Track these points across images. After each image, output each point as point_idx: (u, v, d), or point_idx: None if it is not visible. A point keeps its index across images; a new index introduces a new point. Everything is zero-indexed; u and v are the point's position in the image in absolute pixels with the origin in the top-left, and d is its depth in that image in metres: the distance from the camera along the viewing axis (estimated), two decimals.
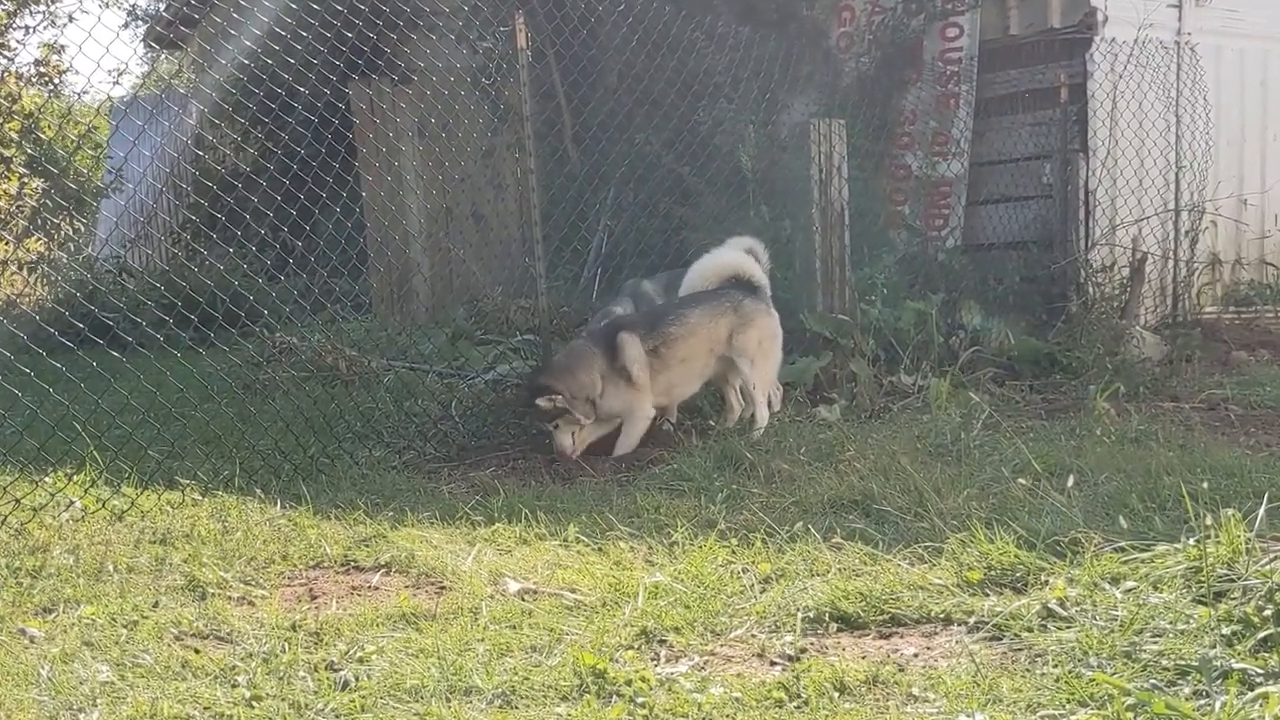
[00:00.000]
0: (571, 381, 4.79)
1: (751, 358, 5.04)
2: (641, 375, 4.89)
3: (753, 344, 5.04)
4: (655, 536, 3.55)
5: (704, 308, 5.05)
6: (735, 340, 5.03)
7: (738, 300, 5.09)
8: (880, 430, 4.89)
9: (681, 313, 5.05)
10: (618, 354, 4.86)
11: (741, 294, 5.12)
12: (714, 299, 5.09)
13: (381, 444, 4.98)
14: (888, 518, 3.55)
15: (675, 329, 4.98)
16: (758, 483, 4.13)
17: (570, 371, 4.82)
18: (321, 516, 3.88)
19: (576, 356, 4.90)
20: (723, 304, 5.07)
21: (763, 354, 5.07)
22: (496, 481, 4.39)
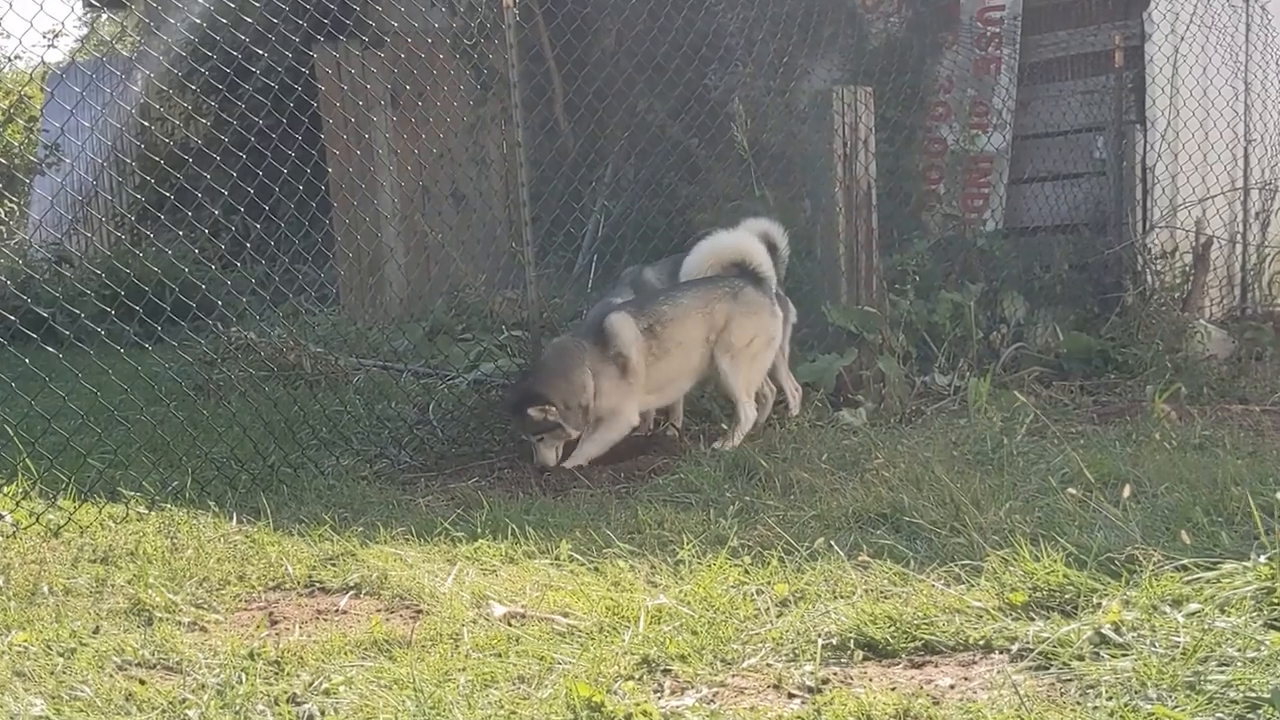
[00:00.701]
0: (565, 388, 4.79)
1: (734, 355, 5.03)
2: (638, 362, 4.89)
3: (742, 340, 5.04)
4: (658, 554, 3.56)
5: (700, 290, 5.07)
6: (728, 332, 5.03)
7: (738, 287, 5.10)
8: (912, 436, 4.89)
9: (673, 294, 5.07)
10: (610, 340, 4.86)
11: (744, 281, 5.12)
12: (711, 283, 5.11)
13: (350, 452, 4.98)
14: (920, 533, 3.55)
15: (669, 308, 5.00)
16: (774, 494, 4.14)
17: (563, 376, 4.81)
18: (283, 532, 3.89)
19: (565, 355, 4.90)
20: (720, 289, 5.07)
21: (749, 356, 5.07)
22: (480, 493, 4.39)
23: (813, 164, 6.08)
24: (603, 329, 4.88)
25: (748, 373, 5.07)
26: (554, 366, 4.87)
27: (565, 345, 4.96)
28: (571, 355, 4.87)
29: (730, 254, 5.19)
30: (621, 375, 4.87)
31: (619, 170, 7.90)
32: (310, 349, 6.33)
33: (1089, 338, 6.27)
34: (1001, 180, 7.40)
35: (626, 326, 4.89)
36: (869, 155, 5.85)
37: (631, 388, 4.90)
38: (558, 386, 4.79)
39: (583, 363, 4.84)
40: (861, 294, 5.82)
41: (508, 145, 6.57)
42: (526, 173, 5.50)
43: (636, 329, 4.90)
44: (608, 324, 4.88)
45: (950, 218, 7.19)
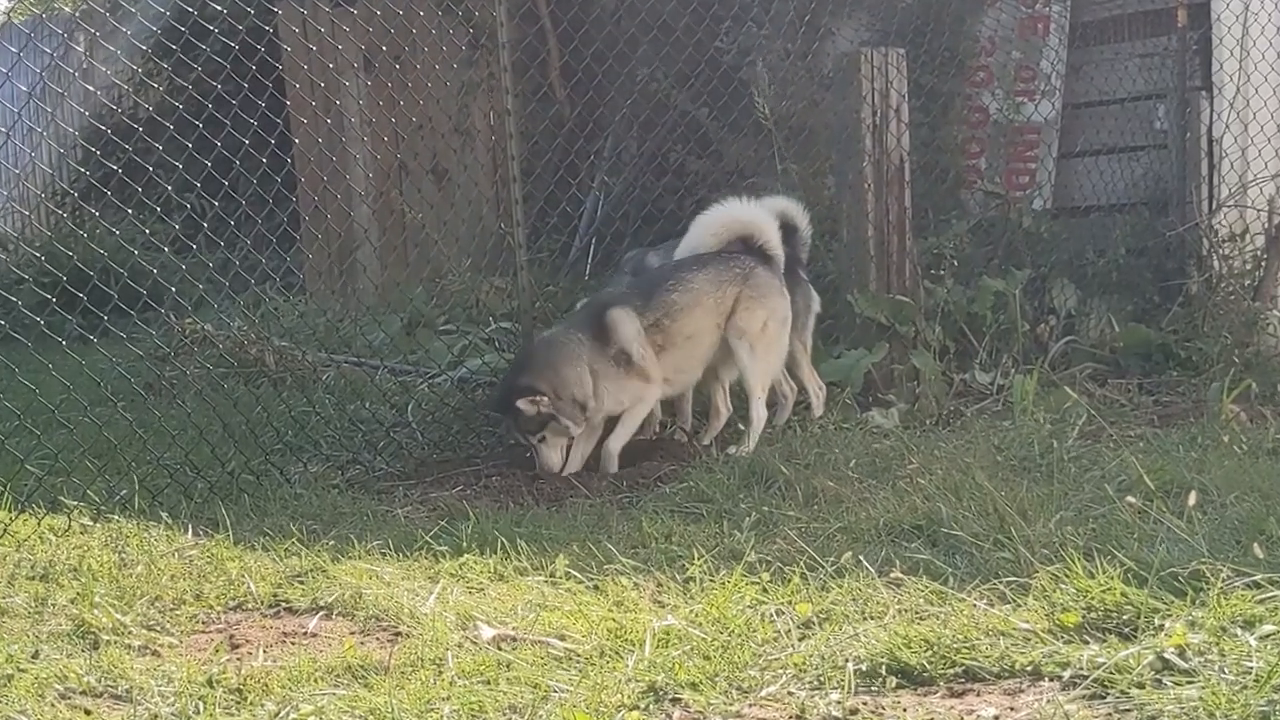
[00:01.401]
0: (556, 378, 4.79)
1: (753, 343, 5.04)
2: (646, 356, 4.90)
3: (757, 326, 5.05)
4: (666, 571, 3.56)
5: (710, 271, 5.07)
6: (738, 318, 5.03)
7: (748, 267, 5.10)
8: (950, 439, 4.89)
9: (682, 276, 5.06)
10: (610, 337, 4.88)
11: (754, 260, 5.13)
12: (721, 262, 5.11)
13: (320, 457, 4.99)
14: (960, 547, 3.55)
15: (678, 296, 5.00)
16: (795, 504, 4.14)
17: (553, 366, 4.82)
18: (244, 547, 3.89)
19: (557, 347, 4.91)
20: (731, 269, 5.08)
21: (766, 341, 5.08)
22: (465, 503, 4.40)
23: (838, 136, 6.08)
24: (603, 323, 4.89)
25: (765, 361, 5.08)
26: (544, 358, 4.88)
27: (557, 337, 4.97)
28: (565, 347, 4.88)
29: (738, 227, 5.19)
30: (627, 373, 4.89)
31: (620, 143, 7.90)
32: (274, 343, 6.33)
33: (1148, 330, 6.27)
34: (1050, 154, 7.40)
35: (628, 323, 4.90)
36: (901, 126, 5.85)
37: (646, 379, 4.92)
38: (547, 377, 4.79)
39: (579, 358, 4.85)
40: (893, 281, 5.82)
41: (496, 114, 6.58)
42: (517, 145, 5.50)
43: (639, 324, 4.91)
44: (609, 319, 4.90)
45: (992, 196, 7.19)
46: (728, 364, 5.15)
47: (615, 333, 4.88)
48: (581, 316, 5.09)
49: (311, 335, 6.54)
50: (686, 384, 5.20)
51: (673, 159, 7.36)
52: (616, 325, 4.89)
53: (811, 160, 6.78)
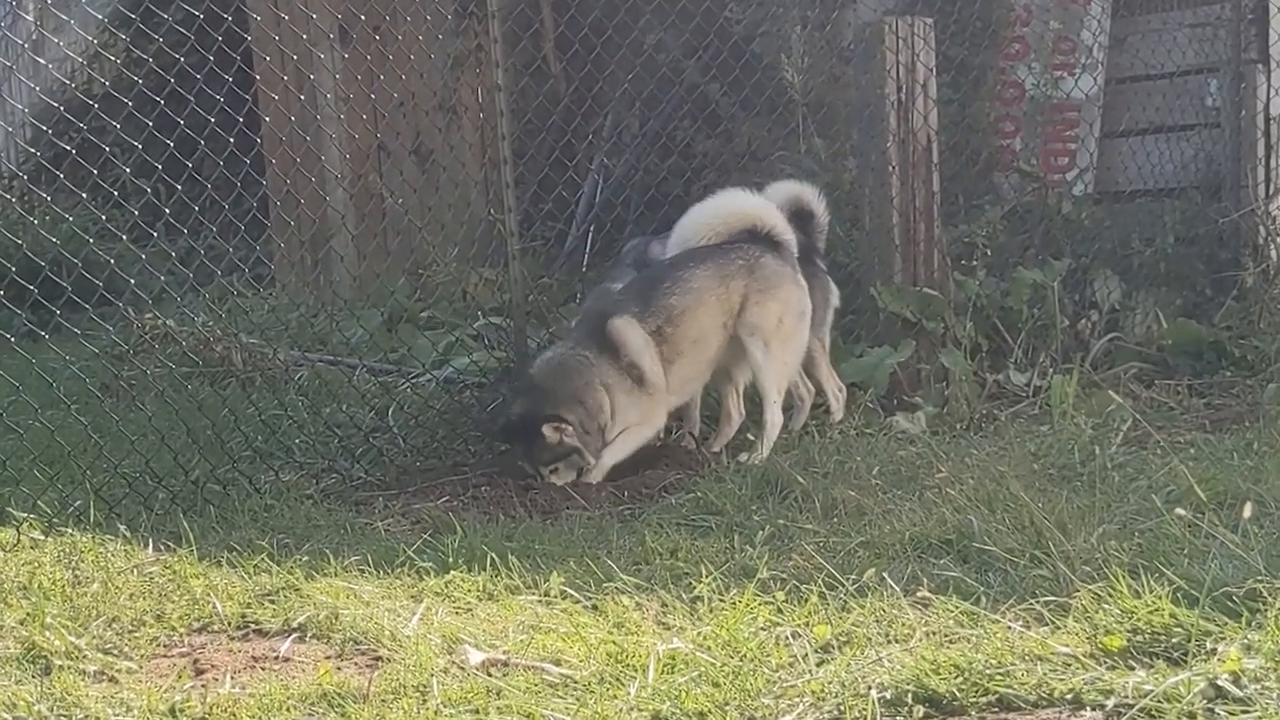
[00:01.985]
0: (580, 408, 4.81)
1: (766, 340, 5.04)
2: (654, 369, 4.91)
3: (770, 321, 5.04)
4: (671, 589, 3.56)
5: (709, 266, 5.05)
6: (749, 314, 5.03)
7: (753, 257, 5.09)
8: (982, 446, 4.90)
9: (679, 275, 5.04)
10: (618, 349, 4.89)
11: (759, 249, 5.12)
12: (721, 254, 5.10)
13: (292, 465, 4.99)
14: (993, 563, 3.56)
15: (678, 299, 4.98)
16: (813, 517, 4.14)
17: (574, 394, 4.82)
18: (210, 563, 3.90)
19: (572, 371, 4.89)
20: (733, 261, 5.07)
21: (782, 337, 5.07)
22: (451, 515, 4.40)
23: (859, 114, 6.09)
24: (606, 335, 4.90)
25: (782, 360, 5.07)
26: (561, 386, 4.84)
27: (567, 359, 4.92)
28: (580, 369, 4.87)
29: (735, 221, 5.18)
30: (640, 387, 4.90)
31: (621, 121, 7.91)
32: (242, 340, 6.33)
33: (1199, 327, 6.27)
34: (1092, 133, 7.40)
35: (633, 332, 4.90)
36: (929, 102, 5.85)
37: (654, 394, 4.93)
38: (570, 405, 4.80)
39: (595, 379, 4.86)
40: (920, 272, 5.82)
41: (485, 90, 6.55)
42: (508, 124, 5.50)
43: (644, 333, 4.91)
44: (610, 330, 4.90)
45: (1029, 179, 7.19)
46: (740, 364, 5.14)
47: (623, 345, 4.89)
48: (580, 332, 5.05)
49: (283, 331, 6.54)
50: (694, 392, 5.22)
51: (679, 138, 7.36)
52: (623, 336, 4.89)
53: (831, 141, 6.78)
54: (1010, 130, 7.53)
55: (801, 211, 5.42)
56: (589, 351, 4.89)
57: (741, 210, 5.20)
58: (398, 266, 7.59)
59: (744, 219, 5.17)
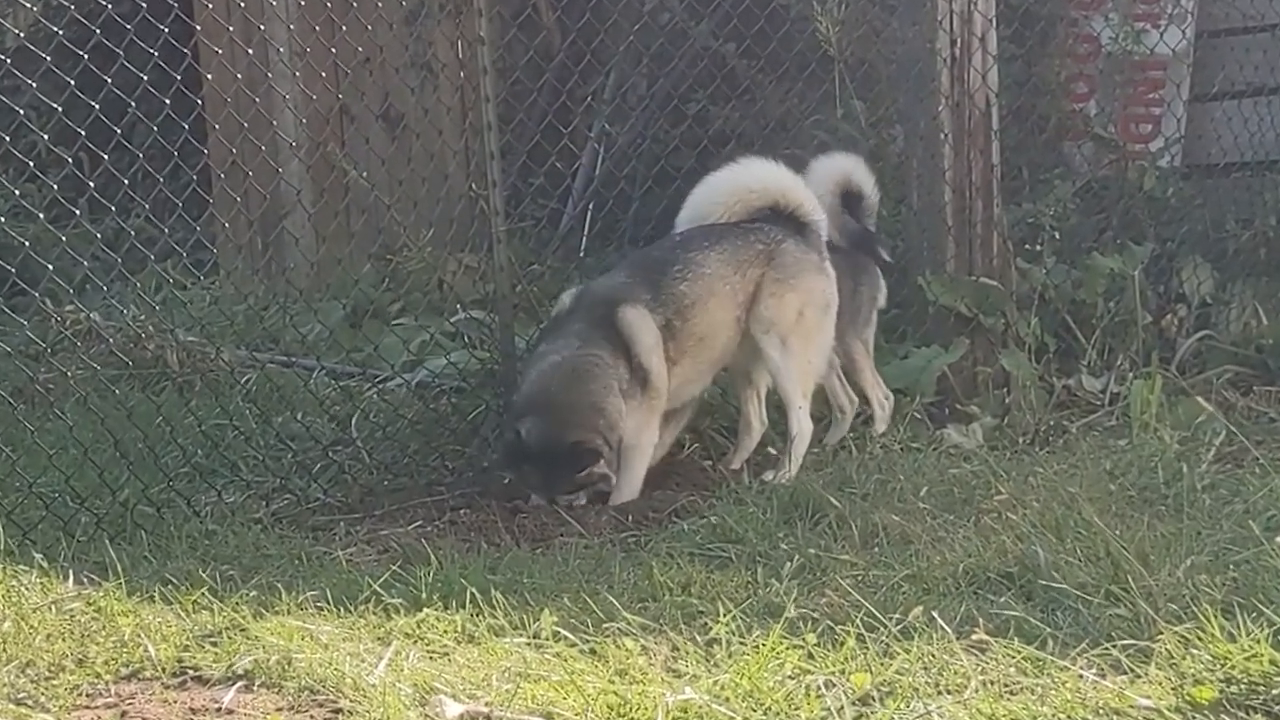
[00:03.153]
0: (604, 425, 4.82)
1: (784, 337, 5.05)
2: (661, 371, 4.92)
3: (789, 314, 5.07)
4: (683, 630, 3.56)
5: (724, 248, 5.08)
6: (763, 306, 5.06)
7: (774, 240, 5.12)
8: (1049, 463, 4.89)
9: (691, 258, 5.05)
10: (629, 346, 4.90)
11: (781, 231, 5.14)
12: (738, 235, 5.13)
13: (238, 484, 4.99)
14: (1062, 600, 3.55)
15: (689, 286, 4.99)
16: (850, 546, 4.14)
17: (595, 409, 4.83)
18: (141, 598, 3.89)
19: (587, 376, 4.88)
20: (751, 245, 5.10)
21: (803, 333, 5.09)
22: (425, 543, 4.40)
23: (906, 73, 6.09)
24: (616, 329, 4.91)
25: (805, 360, 5.09)
26: (579, 400, 4.86)
27: (578, 365, 4.92)
28: (594, 376, 4.88)
29: (757, 194, 5.20)
30: (642, 391, 4.92)
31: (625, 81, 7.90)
32: (179, 337, 6.32)
33: None
34: (1180, 96, 7.39)
35: (647, 326, 4.92)
36: (987, 59, 5.86)
37: (654, 405, 4.95)
38: (594, 424, 4.81)
39: (613, 387, 4.86)
40: (976, 259, 5.83)
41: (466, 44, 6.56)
42: (493, 84, 5.50)
43: (655, 329, 4.93)
44: (622, 321, 4.91)
45: (1105, 149, 7.18)
46: (759, 365, 5.17)
47: (634, 340, 4.90)
48: (583, 323, 4.99)
49: (227, 327, 6.55)
50: (688, 398, 5.21)
51: (693, 104, 7.35)
52: (636, 330, 4.91)
53: (872, 105, 6.78)
54: (1084, 92, 7.52)
55: (850, 192, 5.44)
56: (602, 351, 4.90)
57: (764, 184, 5.21)
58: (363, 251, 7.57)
59: (766, 194, 5.19)
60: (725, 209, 5.19)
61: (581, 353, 4.92)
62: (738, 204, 5.19)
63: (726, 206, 5.19)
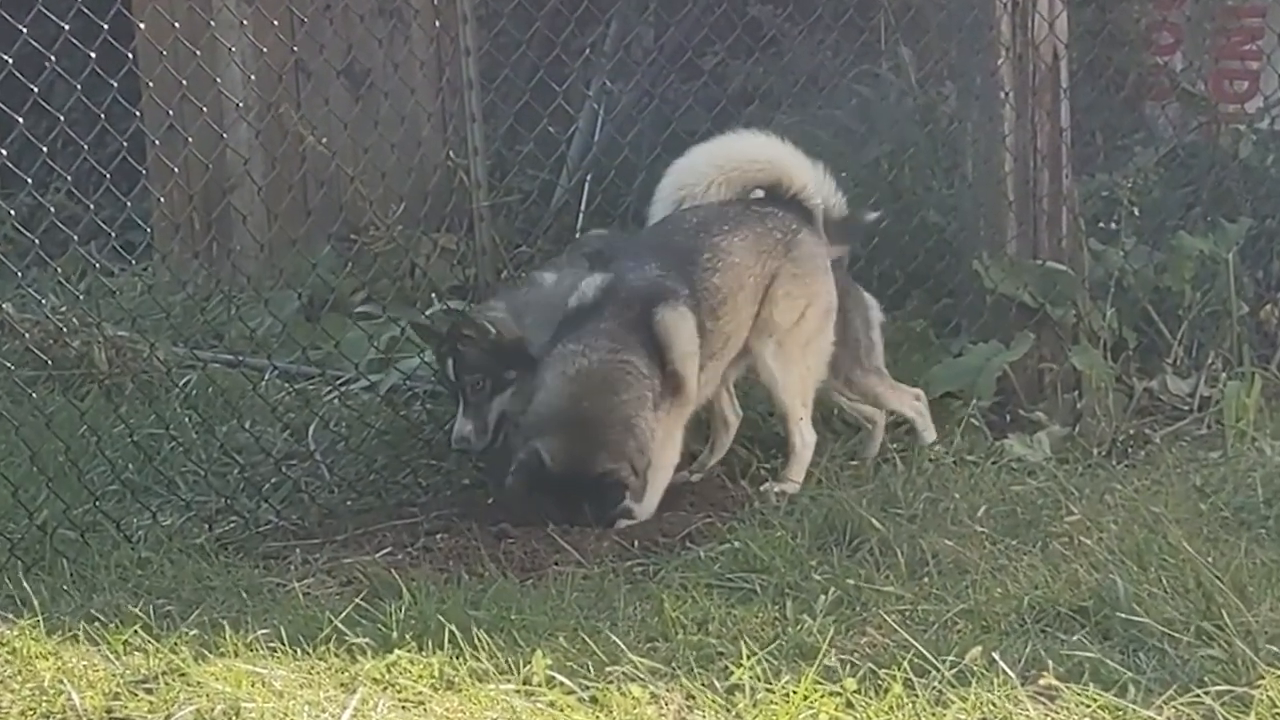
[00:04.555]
0: (635, 448, 4.87)
1: (780, 340, 5.11)
2: (694, 378, 4.96)
3: (790, 316, 5.13)
4: (699, 675, 3.56)
5: (746, 235, 5.14)
6: (774, 306, 5.12)
7: (790, 230, 5.19)
8: (1129, 479, 4.90)
9: (718, 244, 5.11)
10: (665, 352, 4.94)
11: (795, 219, 5.22)
12: (756, 222, 5.19)
13: (176, 504, 4.99)
14: (1145, 640, 3.56)
15: (721, 279, 5.05)
16: (895, 575, 4.15)
17: (629, 428, 4.87)
18: (63, 637, 3.89)
19: (619, 386, 4.91)
20: (770, 233, 5.17)
21: (801, 337, 5.16)
22: (395, 573, 4.39)
23: (958, 20, 6.07)
24: (652, 331, 4.94)
25: (803, 365, 5.14)
26: (611, 418, 4.90)
27: (610, 373, 4.94)
28: (628, 388, 4.91)
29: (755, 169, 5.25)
30: (672, 398, 4.96)
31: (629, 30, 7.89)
32: (107, 332, 6.32)
33: None
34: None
35: (687, 329, 4.96)
36: (1056, 4, 5.84)
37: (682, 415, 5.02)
38: (625, 448, 4.86)
39: (646, 400, 4.90)
40: (1042, 240, 5.82)
41: None
42: (473, 33, 5.50)
43: (694, 333, 4.97)
44: (663, 326, 4.94)
45: (1194, 110, 7.17)
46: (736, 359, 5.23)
47: (670, 345, 4.94)
48: (614, 322, 5.00)
49: (163, 321, 6.53)
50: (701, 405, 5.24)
51: (709, 56, 7.35)
52: (674, 334, 4.94)
53: (920, 58, 6.77)
54: (1168, 43, 7.51)
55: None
56: (636, 359, 4.93)
57: (764, 157, 5.27)
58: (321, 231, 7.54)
59: (766, 170, 5.25)
60: (713, 185, 5.23)
61: (613, 360, 4.95)
62: (734, 174, 5.24)
63: (716, 181, 5.23)
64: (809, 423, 5.15)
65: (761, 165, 5.26)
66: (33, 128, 5.21)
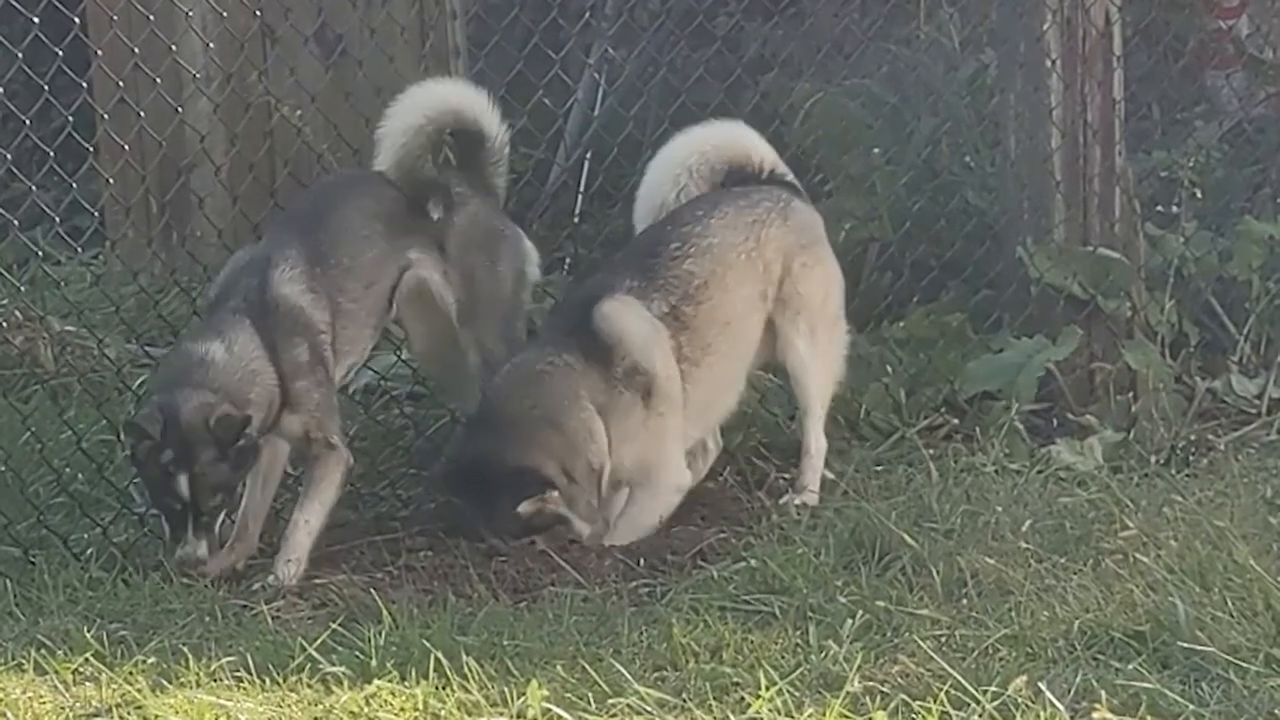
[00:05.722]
0: (561, 446, 4.88)
1: (813, 325, 5.18)
2: (669, 371, 4.97)
3: (818, 294, 5.21)
4: (713, 707, 3.57)
5: (727, 210, 5.21)
6: (791, 280, 5.18)
7: (779, 198, 5.27)
8: (1190, 489, 4.91)
9: (688, 230, 5.18)
10: (613, 349, 4.96)
11: (782, 190, 5.31)
12: (737, 196, 5.28)
13: (130, 518, 5.01)
14: (1209, 667, 3.57)
15: (695, 263, 5.09)
16: (929, 597, 4.17)
17: (552, 425, 4.90)
18: (6, 664, 3.91)
19: (544, 385, 4.96)
20: (757, 203, 5.24)
21: (829, 320, 5.25)
22: (373, 594, 4.42)
23: None
24: (592, 328, 4.97)
25: (830, 358, 5.22)
26: (530, 412, 4.93)
27: (532, 370, 5.01)
28: (554, 385, 4.95)
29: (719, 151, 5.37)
30: (645, 405, 4.97)
31: None
32: (53, 327, 6.34)
33: None
34: None
35: (633, 317, 4.98)
36: None
37: (666, 422, 5.00)
38: (548, 443, 4.87)
39: (577, 395, 4.92)
40: (1093, 225, 5.83)
41: None
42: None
43: (651, 318, 4.98)
44: (602, 320, 4.98)
45: (1262, 78, 7.18)
46: None
47: (621, 339, 4.96)
48: (555, 328, 5.16)
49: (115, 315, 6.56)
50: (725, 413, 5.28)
51: (720, 23, 7.36)
52: (619, 325, 4.97)
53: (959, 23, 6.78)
54: (1233, 5, 7.53)
55: None
56: (570, 356, 4.97)
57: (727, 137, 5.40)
58: None
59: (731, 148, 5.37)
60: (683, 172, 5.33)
61: (539, 360, 5.02)
62: (702, 161, 5.34)
63: (684, 169, 5.33)
64: (822, 424, 5.19)
65: (725, 144, 5.36)
66: None
